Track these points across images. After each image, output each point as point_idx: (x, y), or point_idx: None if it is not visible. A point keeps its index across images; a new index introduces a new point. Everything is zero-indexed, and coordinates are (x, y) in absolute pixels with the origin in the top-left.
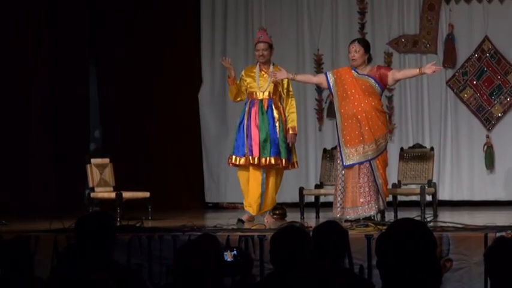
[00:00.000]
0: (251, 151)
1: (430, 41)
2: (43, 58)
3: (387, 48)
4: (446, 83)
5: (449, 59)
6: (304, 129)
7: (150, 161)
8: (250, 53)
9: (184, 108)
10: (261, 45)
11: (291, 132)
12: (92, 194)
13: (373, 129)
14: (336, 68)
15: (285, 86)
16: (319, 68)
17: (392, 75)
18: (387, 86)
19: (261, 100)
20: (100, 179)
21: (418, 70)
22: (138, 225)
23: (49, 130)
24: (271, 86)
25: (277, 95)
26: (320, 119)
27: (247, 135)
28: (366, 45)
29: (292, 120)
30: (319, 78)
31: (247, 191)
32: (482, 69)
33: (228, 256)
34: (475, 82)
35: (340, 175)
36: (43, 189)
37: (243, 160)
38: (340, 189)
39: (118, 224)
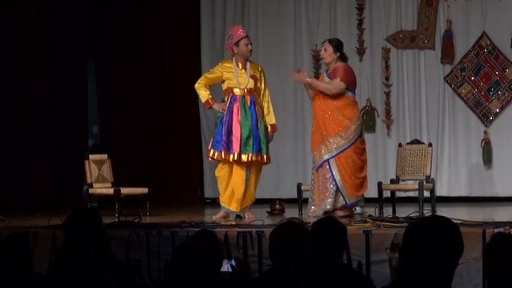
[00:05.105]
0: (232, 147)
1: (428, 36)
2: (42, 55)
3: (385, 44)
4: (444, 78)
5: (447, 54)
6: (302, 126)
7: (149, 157)
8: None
9: (183, 104)
10: (249, 40)
11: (272, 130)
12: (91, 190)
13: (329, 127)
14: None
15: (263, 80)
16: (317, 64)
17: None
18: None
19: (243, 96)
20: (98, 175)
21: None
22: (136, 221)
23: (48, 126)
24: (252, 82)
25: (257, 91)
26: None
27: (228, 131)
28: (335, 45)
29: (271, 119)
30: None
31: (224, 187)
32: (480, 65)
33: (225, 266)
34: (472, 78)
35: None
36: (42, 185)
37: (222, 155)
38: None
39: (116, 220)
